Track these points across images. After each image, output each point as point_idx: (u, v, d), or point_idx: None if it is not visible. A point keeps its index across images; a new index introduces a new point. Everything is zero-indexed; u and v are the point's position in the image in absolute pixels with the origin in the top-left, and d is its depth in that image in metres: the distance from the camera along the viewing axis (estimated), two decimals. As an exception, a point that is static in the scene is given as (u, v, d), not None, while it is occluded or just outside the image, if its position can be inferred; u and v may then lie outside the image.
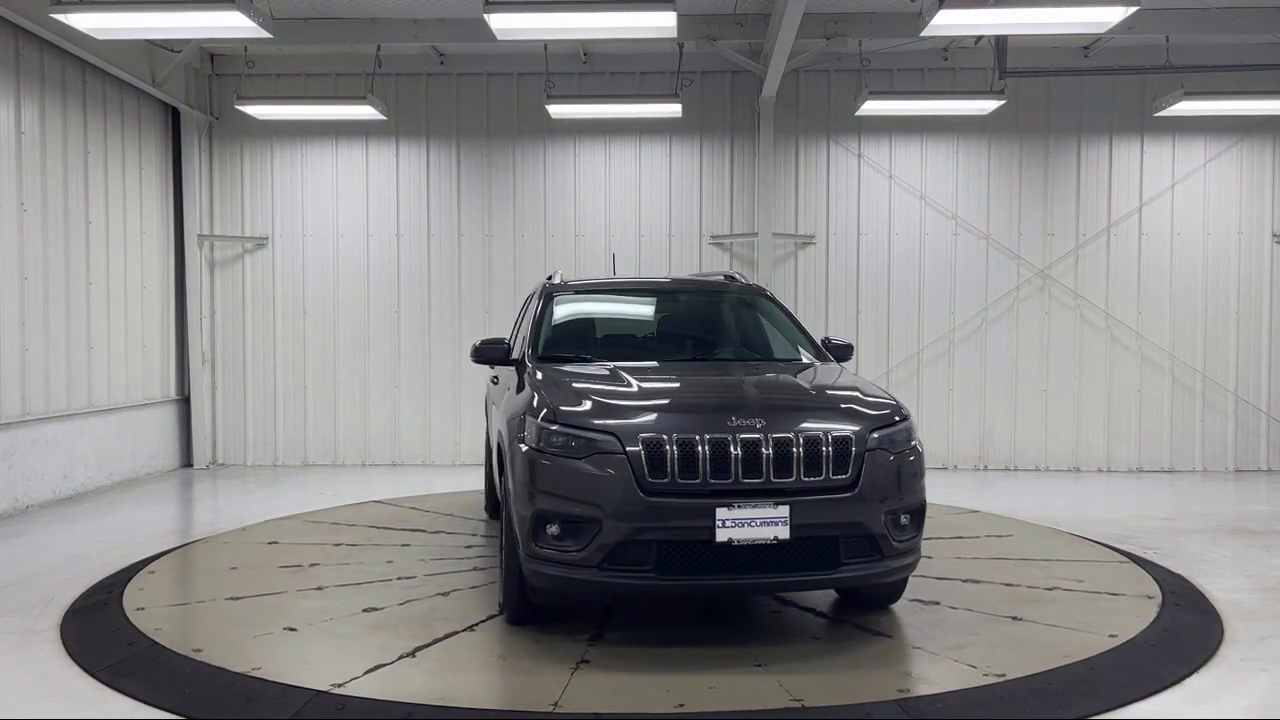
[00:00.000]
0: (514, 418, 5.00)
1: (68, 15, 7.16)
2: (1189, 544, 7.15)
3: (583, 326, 6.42)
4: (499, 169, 11.13)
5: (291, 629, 5.05)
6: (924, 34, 7.70)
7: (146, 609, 5.39)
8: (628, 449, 4.46)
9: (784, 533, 4.42)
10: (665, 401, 5.01)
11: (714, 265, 10.92)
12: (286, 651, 4.74)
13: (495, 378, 6.74)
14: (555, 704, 4.09)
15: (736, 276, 6.98)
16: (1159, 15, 9.48)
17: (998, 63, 9.91)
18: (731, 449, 4.47)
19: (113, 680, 4.41)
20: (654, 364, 5.70)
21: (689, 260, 11.00)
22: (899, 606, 5.42)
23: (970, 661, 4.60)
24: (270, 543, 7.03)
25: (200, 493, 9.67)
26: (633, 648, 4.80)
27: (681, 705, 4.08)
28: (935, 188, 10.98)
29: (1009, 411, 10.98)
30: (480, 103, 11.12)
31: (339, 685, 4.24)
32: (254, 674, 4.38)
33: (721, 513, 4.38)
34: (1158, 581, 5.98)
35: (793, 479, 4.50)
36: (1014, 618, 5.29)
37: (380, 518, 7.92)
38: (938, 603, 5.54)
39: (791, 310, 6.83)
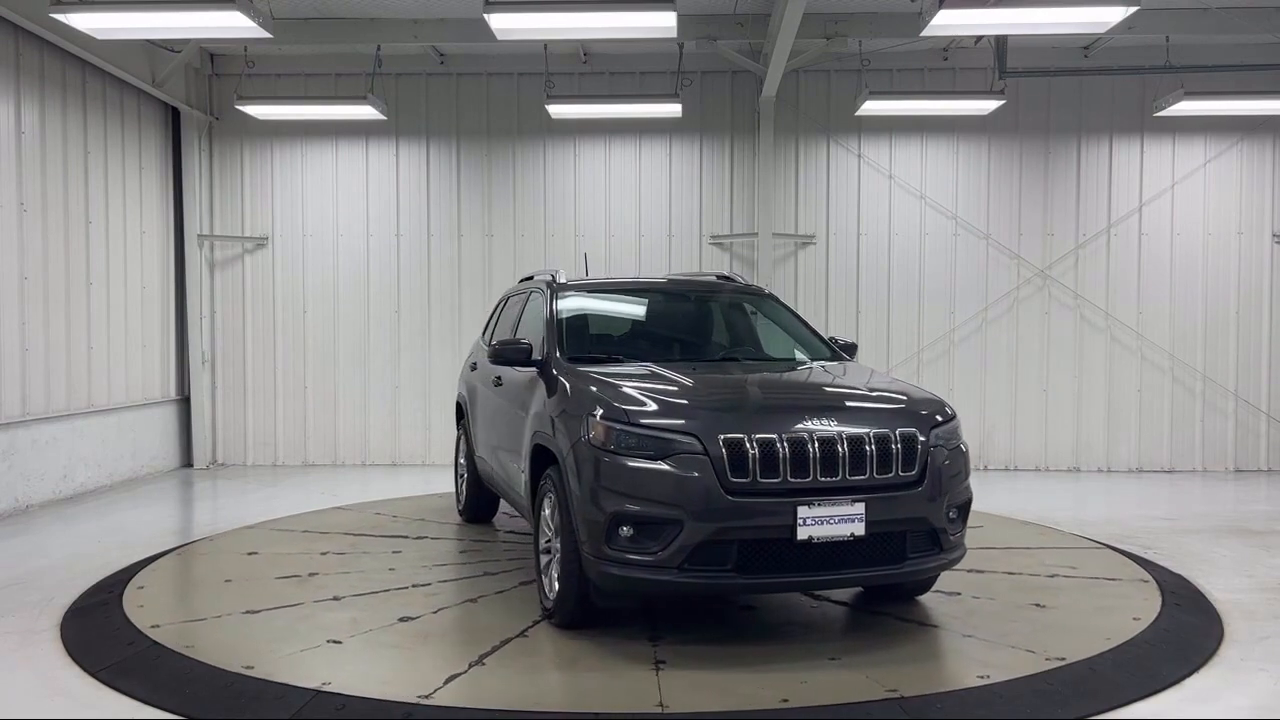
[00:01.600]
0: (568, 418, 4.90)
1: (68, 15, 7.16)
2: (1189, 544, 7.16)
3: (603, 326, 6.35)
4: (499, 169, 11.13)
5: (335, 641, 4.83)
6: (924, 34, 7.70)
7: (163, 626, 5.07)
8: (709, 449, 4.46)
9: (860, 529, 4.50)
10: (732, 402, 4.96)
11: (714, 265, 10.90)
12: (347, 665, 4.53)
13: (498, 379, 6.53)
14: (661, 704, 4.05)
15: (733, 277, 6.98)
16: (1159, 15, 9.47)
17: (998, 63, 9.91)
18: (810, 448, 4.51)
19: (113, 680, 4.40)
20: (689, 365, 5.60)
21: (689, 260, 10.99)
22: (924, 598, 5.49)
23: (1027, 647, 4.71)
24: (250, 553, 6.70)
25: (200, 493, 9.66)
26: (700, 646, 4.78)
27: (785, 700, 4.09)
28: (935, 188, 10.97)
29: (1009, 411, 10.98)
30: (480, 103, 11.11)
31: (425, 696, 4.12)
32: (325, 689, 4.20)
33: (803, 511, 4.43)
34: (1157, 581, 5.99)
35: (866, 477, 4.57)
36: (1037, 604, 5.43)
37: (352, 524, 7.63)
38: (959, 593, 5.61)
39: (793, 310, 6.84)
